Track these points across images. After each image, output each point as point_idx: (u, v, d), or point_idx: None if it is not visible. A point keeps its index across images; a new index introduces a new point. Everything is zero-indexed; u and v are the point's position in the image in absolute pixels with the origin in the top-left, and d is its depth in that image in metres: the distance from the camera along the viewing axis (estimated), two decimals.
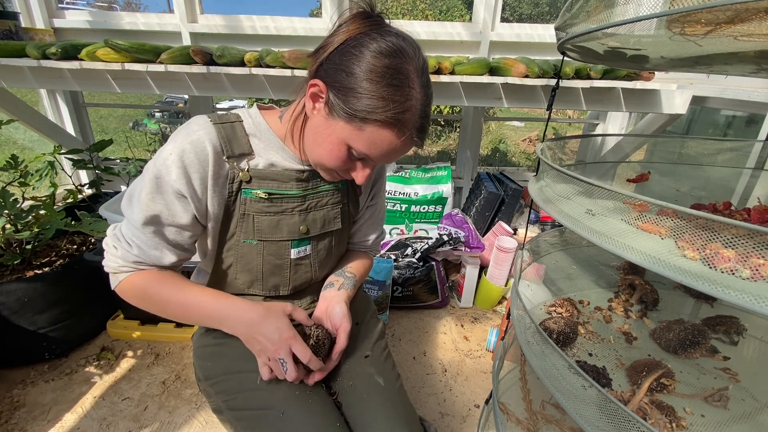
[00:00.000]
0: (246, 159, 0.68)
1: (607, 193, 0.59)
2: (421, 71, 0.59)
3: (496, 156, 5.87)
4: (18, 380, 1.28)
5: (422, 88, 0.59)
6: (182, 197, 0.64)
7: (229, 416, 0.72)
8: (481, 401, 1.29)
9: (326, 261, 0.82)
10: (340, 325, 0.73)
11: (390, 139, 0.59)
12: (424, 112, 0.61)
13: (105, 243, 0.68)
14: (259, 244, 0.72)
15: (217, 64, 1.42)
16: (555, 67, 1.44)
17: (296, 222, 0.73)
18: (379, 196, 0.89)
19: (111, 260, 0.67)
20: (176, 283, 0.69)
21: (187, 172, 0.63)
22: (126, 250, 0.65)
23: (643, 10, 0.50)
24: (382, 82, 0.56)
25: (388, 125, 0.57)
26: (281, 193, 0.70)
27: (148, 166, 0.64)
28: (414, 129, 0.60)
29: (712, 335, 0.83)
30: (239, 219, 0.70)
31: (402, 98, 0.57)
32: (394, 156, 0.64)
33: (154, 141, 5.08)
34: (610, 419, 0.58)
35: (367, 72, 0.56)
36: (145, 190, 0.63)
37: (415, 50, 0.59)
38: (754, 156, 1.02)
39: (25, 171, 1.41)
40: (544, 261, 0.99)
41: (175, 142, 0.63)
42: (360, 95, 0.56)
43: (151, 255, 0.66)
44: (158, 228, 0.65)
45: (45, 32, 1.76)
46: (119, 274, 0.67)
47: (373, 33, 0.58)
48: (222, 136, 0.65)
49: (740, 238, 0.45)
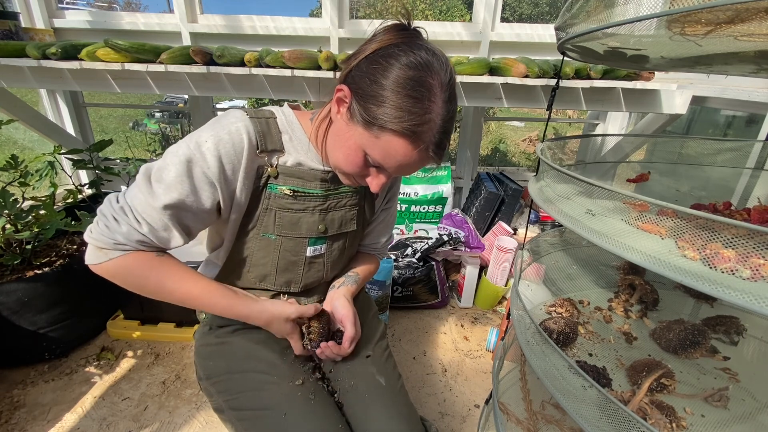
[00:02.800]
0: (277, 155, 0.69)
1: (607, 193, 0.59)
2: (446, 87, 0.59)
3: (496, 156, 5.87)
4: (18, 380, 1.28)
5: (445, 103, 0.58)
6: (212, 184, 0.63)
7: (231, 416, 0.72)
8: (481, 401, 1.29)
9: (338, 261, 0.83)
10: (342, 317, 0.76)
11: (405, 150, 0.59)
12: (444, 128, 0.60)
13: (101, 212, 0.62)
14: (277, 239, 0.73)
15: (217, 64, 1.42)
16: (555, 67, 1.44)
17: (316, 221, 0.74)
18: (393, 201, 0.90)
19: (106, 234, 0.60)
20: (179, 273, 0.67)
21: (221, 161, 0.63)
22: (133, 228, 0.61)
23: (643, 10, 0.50)
24: (403, 92, 0.56)
25: (404, 136, 0.57)
26: (305, 192, 0.71)
27: (176, 150, 0.61)
28: (431, 143, 0.59)
29: (712, 335, 0.83)
30: (262, 213, 0.71)
31: (421, 111, 0.56)
32: (409, 168, 0.63)
33: (154, 141, 5.08)
34: (610, 419, 0.58)
35: (390, 81, 0.56)
36: (174, 172, 0.60)
37: (444, 66, 0.59)
38: (754, 156, 1.02)
39: (25, 171, 1.41)
40: (544, 261, 0.99)
41: (213, 130, 0.63)
42: (380, 103, 0.57)
43: (161, 236, 0.63)
44: (178, 211, 0.63)
45: (45, 32, 1.76)
46: (110, 251, 0.62)
47: (404, 45, 0.58)
48: (258, 130, 0.66)
49: (740, 238, 0.45)
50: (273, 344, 0.78)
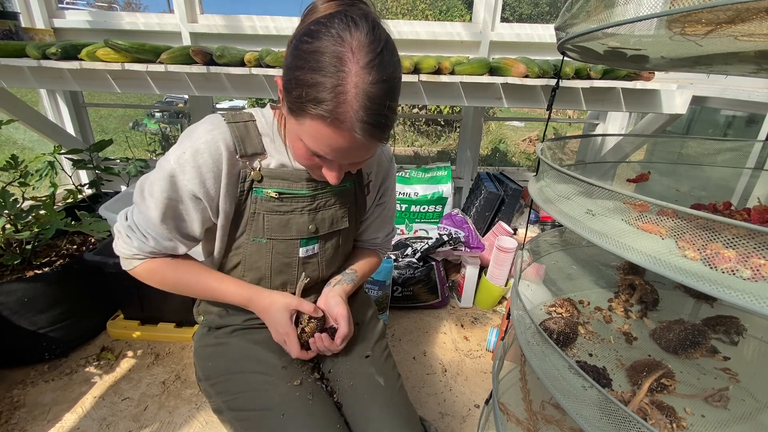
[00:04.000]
0: (258, 158, 0.69)
1: (607, 193, 0.59)
2: (365, 51, 0.49)
3: (496, 156, 5.87)
4: (18, 380, 1.28)
5: (364, 71, 0.48)
6: (195, 195, 0.65)
7: (230, 416, 0.72)
8: (481, 401, 1.29)
9: (333, 260, 0.82)
10: (337, 315, 0.76)
11: (328, 134, 0.52)
12: (370, 100, 0.49)
13: (116, 229, 0.70)
14: (268, 242, 0.73)
15: (217, 64, 1.42)
16: (555, 67, 1.44)
17: (305, 221, 0.73)
18: (387, 195, 0.88)
19: (124, 248, 0.69)
20: (193, 270, 0.73)
21: (201, 172, 0.63)
22: (142, 242, 0.67)
23: (643, 10, 0.50)
24: (306, 67, 0.49)
25: (320, 118, 0.50)
26: (292, 193, 0.71)
27: (162, 163, 0.64)
28: (357, 121, 0.50)
29: (712, 335, 0.83)
30: (249, 217, 0.70)
31: (330, 85, 0.48)
32: (349, 153, 0.56)
33: (154, 141, 5.08)
34: (611, 419, 0.57)
35: (294, 59, 0.51)
36: (160, 188, 0.63)
37: (362, 27, 0.49)
38: (754, 156, 1.02)
39: (25, 171, 1.41)
40: (544, 261, 0.99)
41: (190, 140, 0.63)
42: (293, 87, 0.51)
43: (167, 246, 0.69)
44: (173, 223, 0.67)
45: (45, 32, 1.76)
46: (133, 260, 0.70)
47: (323, 18, 0.51)
48: (236, 135, 0.66)
49: (740, 238, 0.44)
50: (272, 345, 0.77)
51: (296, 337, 0.73)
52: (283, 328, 0.72)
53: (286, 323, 0.72)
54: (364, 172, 0.81)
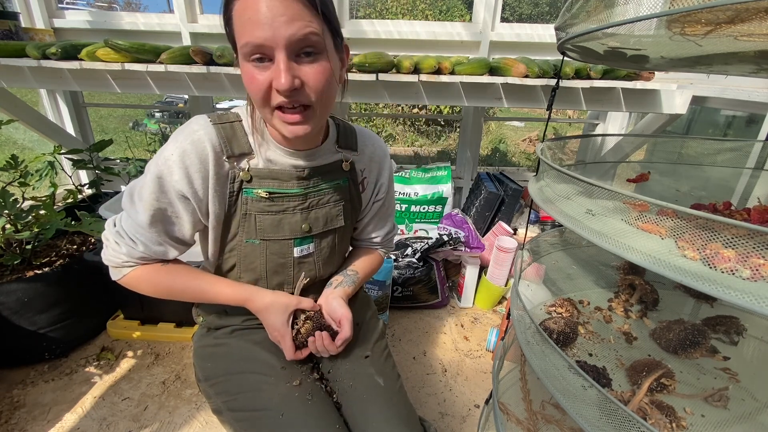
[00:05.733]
0: (246, 158, 0.68)
1: (607, 193, 0.59)
2: None
3: (496, 156, 5.87)
4: (18, 380, 1.28)
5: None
6: (184, 196, 0.64)
7: (229, 417, 0.72)
8: (481, 401, 1.29)
9: (330, 259, 0.81)
10: (341, 316, 0.75)
11: (242, 10, 0.54)
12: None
13: (104, 237, 0.69)
14: (262, 243, 0.72)
15: (217, 64, 1.42)
16: (555, 67, 1.44)
17: (298, 220, 0.73)
18: (384, 191, 0.86)
19: (113, 255, 0.68)
20: (185, 274, 0.72)
21: (189, 173, 0.63)
22: (131, 247, 0.66)
23: (643, 10, 0.50)
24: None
25: (232, 3, 0.56)
26: (282, 192, 0.70)
27: (149, 167, 0.64)
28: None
29: (712, 335, 0.83)
30: (241, 219, 0.70)
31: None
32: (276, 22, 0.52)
33: (154, 141, 5.07)
34: (610, 419, 0.58)
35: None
36: (148, 190, 0.63)
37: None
38: (754, 156, 1.02)
39: (25, 171, 1.41)
40: (544, 261, 0.99)
41: (176, 143, 0.63)
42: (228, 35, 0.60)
43: (157, 251, 0.68)
44: (163, 227, 0.67)
45: (45, 32, 1.76)
46: (123, 268, 0.69)
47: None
48: (222, 135, 0.65)
49: (740, 238, 0.44)
50: (271, 345, 0.77)
51: (291, 339, 0.73)
52: (278, 330, 0.73)
53: (281, 325, 0.72)
54: (357, 168, 0.80)
